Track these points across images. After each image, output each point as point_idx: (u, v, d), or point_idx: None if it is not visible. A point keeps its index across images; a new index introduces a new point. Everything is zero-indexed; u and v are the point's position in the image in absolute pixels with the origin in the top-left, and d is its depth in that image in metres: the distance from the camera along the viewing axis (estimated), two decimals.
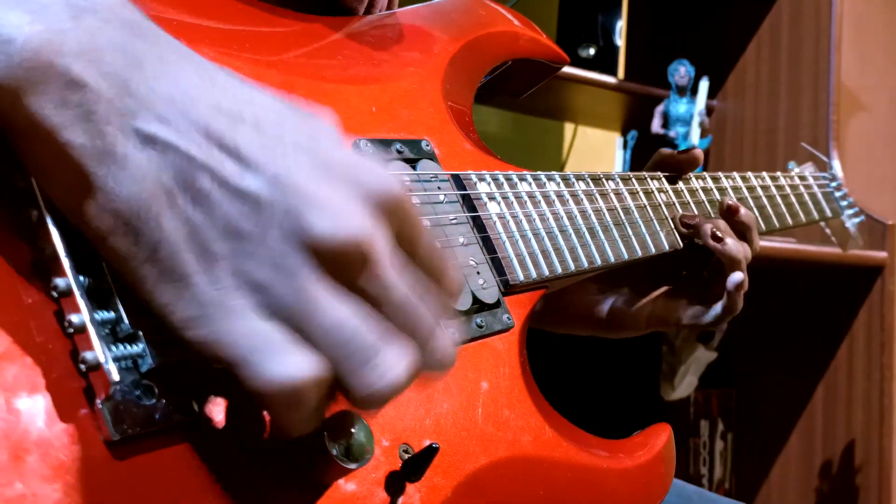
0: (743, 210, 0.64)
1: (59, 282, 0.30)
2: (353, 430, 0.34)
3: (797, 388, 1.45)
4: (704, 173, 0.70)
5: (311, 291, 0.29)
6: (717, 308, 0.64)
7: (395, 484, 0.37)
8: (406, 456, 0.38)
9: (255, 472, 0.33)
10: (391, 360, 0.30)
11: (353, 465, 0.34)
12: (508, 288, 0.48)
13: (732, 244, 0.61)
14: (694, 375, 1.43)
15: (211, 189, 0.28)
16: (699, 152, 0.66)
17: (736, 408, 1.54)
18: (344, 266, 0.29)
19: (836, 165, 1.35)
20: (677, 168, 0.66)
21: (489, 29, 0.60)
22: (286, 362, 0.28)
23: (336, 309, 0.29)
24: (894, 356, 1.34)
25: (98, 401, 0.30)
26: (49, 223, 0.30)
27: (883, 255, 1.34)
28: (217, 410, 0.33)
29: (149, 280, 0.28)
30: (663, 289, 0.67)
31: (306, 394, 0.29)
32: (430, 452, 0.37)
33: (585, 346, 1.56)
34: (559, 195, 0.55)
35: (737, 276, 0.61)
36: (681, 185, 0.66)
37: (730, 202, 0.64)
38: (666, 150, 0.67)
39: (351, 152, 0.31)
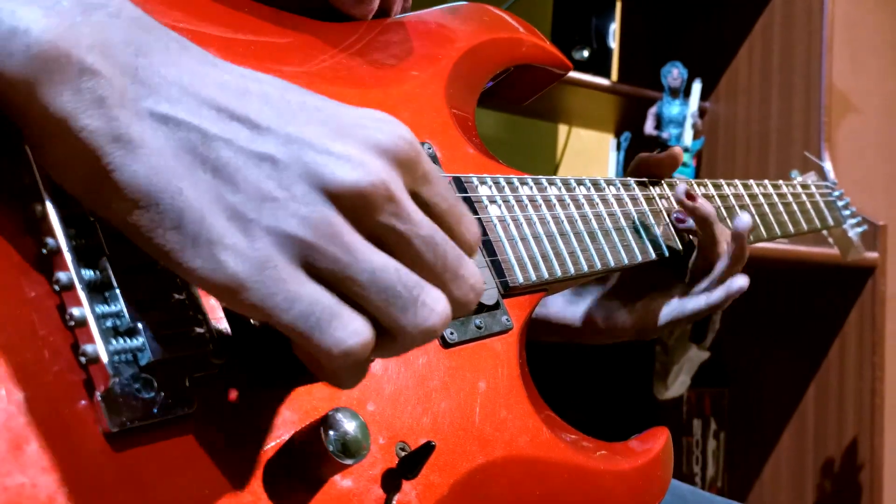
0: (700, 200, 0.62)
1: (62, 276, 0.30)
2: (349, 427, 0.34)
3: (789, 388, 1.46)
4: (706, 180, 0.70)
5: (348, 239, 0.30)
6: (701, 303, 0.63)
7: (391, 481, 0.38)
8: (402, 453, 0.38)
9: (250, 467, 0.33)
10: (436, 294, 0.31)
11: (349, 461, 0.34)
12: (508, 290, 0.49)
13: (703, 203, 0.61)
14: (687, 375, 1.44)
15: (229, 158, 0.29)
16: (678, 150, 0.65)
17: (728, 407, 1.55)
18: (370, 209, 0.30)
19: (828, 167, 1.36)
20: (658, 170, 0.65)
21: (493, 35, 0.60)
22: (346, 328, 0.29)
23: (374, 254, 0.30)
24: (885, 356, 1.35)
25: (97, 393, 0.30)
26: (53, 217, 0.30)
27: (874, 255, 1.35)
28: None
29: (179, 247, 0.29)
30: (644, 296, 0.66)
31: (365, 353, 0.30)
32: (426, 450, 0.37)
33: (579, 346, 1.57)
34: (560, 199, 0.55)
35: (743, 281, 0.62)
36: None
37: (687, 190, 0.63)
38: (644, 154, 0.66)
39: (358, 109, 0.32)
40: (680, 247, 0.63)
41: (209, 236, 0.28)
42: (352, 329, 0.29)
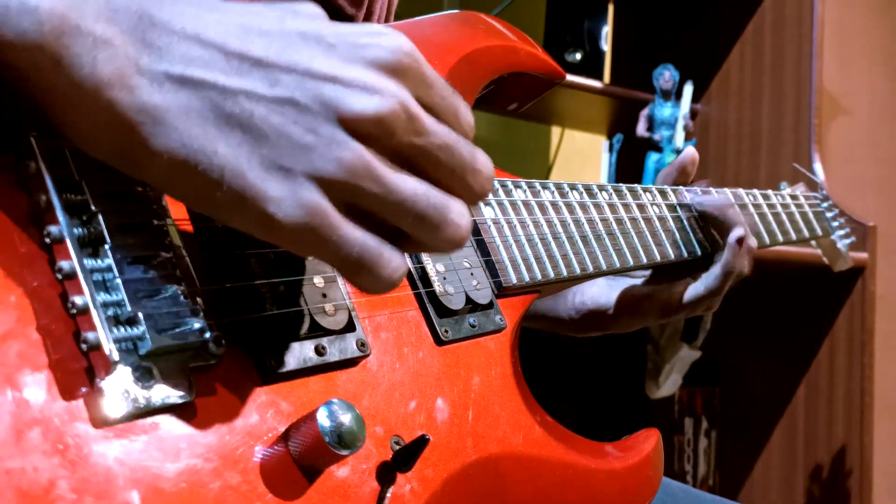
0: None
1: (64, 264, 0.31)
2: (344, 418, 0.34)
3: (780, 387, 1.47)
4: (697, 188, 0.71)
5: (380, 172, 0.31)
6: (716, 269, 0.65)
7: (385, 474, 0.38)
8: (397, 447, 0.39)
9: (247, 457, 0.34)
10: (461, 209, 0.34)
11: (344, 452, 0.34)
12: (501, 290, 0.49)
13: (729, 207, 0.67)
14: (678, 374, 1.45)
15: (252, 109, 0.30)
16: (691, 150, 0.70)
17: (719, 406, 1.56)
18: (392, 133, 0.31)
19: (819, 169, 1.37)
20: (682, 175, 0.69)
21: (488, 42, 0.61)
22: (389, 264, 0.32)
23: (404, 181, 0.32)
24: (874, 355, 1.36)
25: (98, 380, 0.30)
26: (56, 206, 0.31)
27: (864, 255, 1.36)
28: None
29: (228, 205, 0.30)
30: (669, 282, 0.68)
31: (402, 279, 0.33)
32: (420, 443, 0.38)
33: (573, 345, 1.57)
34: (553, 203, 0.56)
35: (739, 230, 0.64)
36: (673, 199, 0.67)
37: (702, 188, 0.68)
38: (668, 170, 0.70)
39: (349, 26, 0.33)
40: (672, 255, 0.64)
41: (254, 191, 0.29)
42: (394, 265, 0.32)
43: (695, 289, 0.65)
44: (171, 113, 0.29)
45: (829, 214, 0.89)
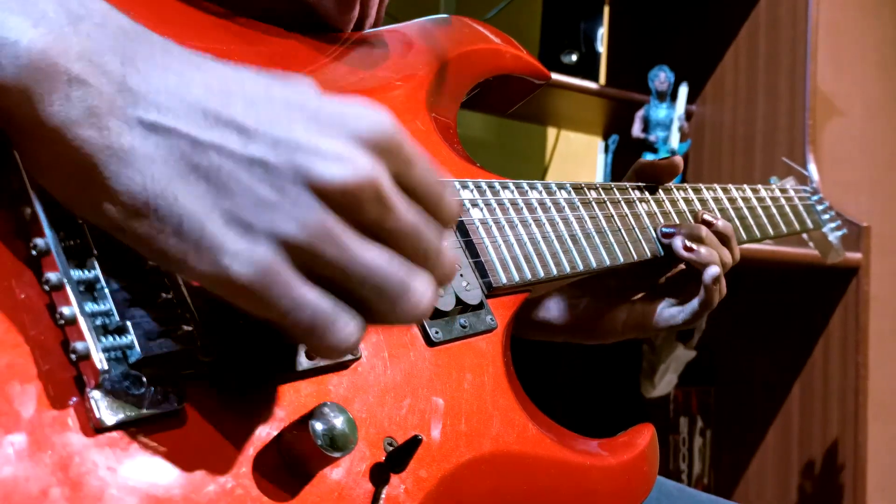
0: (720, 222, 0.65)
1: (51, 276, 0.31)
2: (336, 421, 0.35)
3: (774, 386, 1.47)
4: (685, 184, 0.70)
5: (342, 239, 0.31)
6: (694, 303, 0.65)
7: (379, 475, 0.38)
8: (390, 448, 0.39)
9: (240, 461, 0.34)
10: (421, 287, 0.33)
11: (336, 455, 0.35)
12: (491, 290, 0.49)
13: (704, 251, 0.63)
14: (674, 373, 1.45)
15: (220, 163, 0.30)
16: (679, 160, 0.66)
17: (715, 405, 1.56)
18: (359, 205, 0.31)
19: (813, 169, 1.37)
20: (657, 176, 0.66)
21: (472, 46, 0.61)
22: (344, 329, 0.31)
23: (367, 251, 0.31)
24: (869, 355, 1.36)
25: (88, 389, 0.31)
26: (42, 219, 0.31)
27: (858, 256, 1.37)
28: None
29: (182, 254, 0.30)
30: (638, 295, 0.67)
31: (358, 344, 0.33)
32: (413, 444, 0.38)
33: (568, 345, 1.57)
34: (541, 203, 0.56)
35: (713, 270, 0.62)
36: (662, 194, 0.67)
37: (706, 216, 0.66)
38: (645, 160, 0.67)
39: (338, 100, 0.33)
40: (661, 251, 0.64)
41: (211, 242, 0.29)
42: (349, 330, 0.32)
43: (671, 317, 0.66)
44: (137, 156, 0.29)
45: (819, 207, 0.89)
